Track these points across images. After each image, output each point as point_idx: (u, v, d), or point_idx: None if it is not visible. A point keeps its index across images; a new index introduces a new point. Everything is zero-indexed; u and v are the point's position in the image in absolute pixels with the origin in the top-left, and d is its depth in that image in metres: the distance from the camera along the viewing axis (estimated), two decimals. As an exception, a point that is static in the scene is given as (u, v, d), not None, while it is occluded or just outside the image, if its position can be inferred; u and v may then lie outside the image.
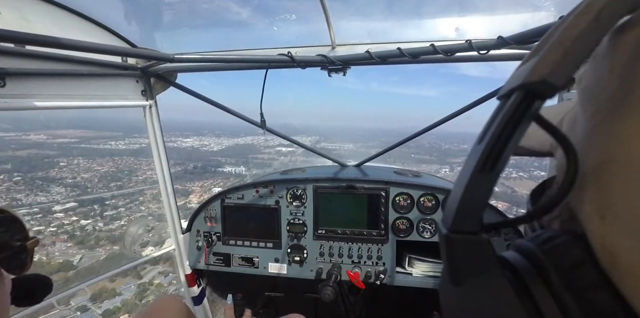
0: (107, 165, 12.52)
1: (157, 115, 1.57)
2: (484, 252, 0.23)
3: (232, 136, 20.05)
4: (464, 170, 0.23)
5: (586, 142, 0.23)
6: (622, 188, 0.20)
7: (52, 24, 1.13)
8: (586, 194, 0.22)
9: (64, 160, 12.04)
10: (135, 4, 1.41)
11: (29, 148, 12.81)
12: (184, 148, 16.61)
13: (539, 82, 0.20)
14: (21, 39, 0.82)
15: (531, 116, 0.20)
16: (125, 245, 1.61)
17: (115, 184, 11.16)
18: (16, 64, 1.03)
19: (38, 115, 28.34)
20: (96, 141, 15.06)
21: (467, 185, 0.22)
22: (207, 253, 1.72)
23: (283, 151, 16.69)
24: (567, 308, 0.21)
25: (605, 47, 0.24)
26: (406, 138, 1.70)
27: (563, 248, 0.22)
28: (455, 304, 0.25)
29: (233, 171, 14.45)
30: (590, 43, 0.19)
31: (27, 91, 1.07)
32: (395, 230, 1.54)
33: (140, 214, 9.86)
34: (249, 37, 1.53)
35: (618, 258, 0.20)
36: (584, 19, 0.20)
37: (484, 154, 0.21)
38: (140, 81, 1.49)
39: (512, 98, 0.21)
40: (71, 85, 1.21)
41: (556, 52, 0.20)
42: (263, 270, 1.68)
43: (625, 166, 0.20)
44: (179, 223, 1.72)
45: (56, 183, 10.62)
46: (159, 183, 1.64)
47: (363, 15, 1.41)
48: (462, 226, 0.23)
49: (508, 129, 0.21)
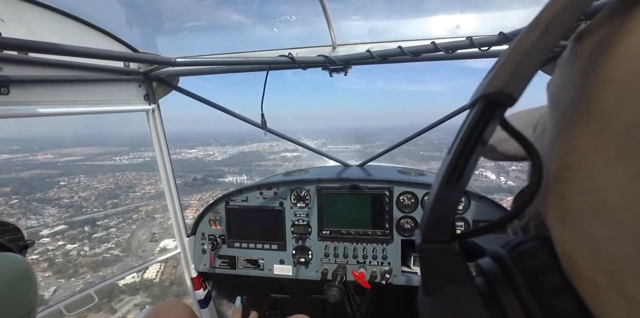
0: (107, 182, 12.44)
1: (160, 119, 1.58)
2: (454, 261, 0.23)
3: (238, 143, 19.99)
4: (435, 181, 0.24)
5: (550, 148, 0.24)
6: (576, 195, 0.21)
7: (55, 30, 1.14)
8: (549, 200, 0.23)
9: (65, 179, 12.01)
10: (136, 9, 1.42)
11: (34, 169, 12.89)
12: (187, 159, 16.55)
13: (496, 93, 0.21)
14: (24, 47, 0.83)
15: (495, 123, 0.21)
16: (132, 248, 1.62)
17: (112, 202, 11.01)
18: (20, 72, 1.04)
19: (48, 133, 28.19)
20: (101, 157, 15.11)
21: (436, 197, 0.23)
22: (212, 255, 1.72)
23: (288, 157, 16.52)
24: (532, 314, 0.21)
25: (567, 54, 0.24)
26: (410, 136, 1.69)
27: (530, 253, 0.23)
28: (428, 314, 0.25)
29: (235, 180, 14.24)
30: (539, 55, 0.20)
31: (31, 98, 1.08)
32: (400, 229, 1.53)
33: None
34: (249, 39, 1.54)
35: (575, 264, 0.20)
36: (533, 32, 0.20)
37: (449, 166, 0.22)
38: (142, 86, 1.50)
39: (475, 108, 0.22)
40: (74, 91, 1.22)
41: (509, 65, 0.21)
42: (268, 272, 1.68)
43: (578, 174, 0.21)
44: (184, 226, 1.73)
45: (52, 204, 10.53)
46: (162, 185, 1.65)
47: (363, 14, 1.40)
48: (434, 236, 0.23)
49: (473, 137, 0.21)
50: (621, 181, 0.18)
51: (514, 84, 0.20)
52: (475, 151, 0.21)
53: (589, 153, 0.20)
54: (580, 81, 0.22)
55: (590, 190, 0.20)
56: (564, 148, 0.22)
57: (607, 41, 0.20)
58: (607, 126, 0.19)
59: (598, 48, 0.21)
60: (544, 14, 0.20)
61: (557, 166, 0.22)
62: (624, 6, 0.20)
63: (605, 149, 0.19)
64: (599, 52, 0.20)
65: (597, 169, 0.19)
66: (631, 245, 0.17)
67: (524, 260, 0.23)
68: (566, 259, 0.21)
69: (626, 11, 0.20)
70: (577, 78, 0.22)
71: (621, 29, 0.19)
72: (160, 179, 1.66)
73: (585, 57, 0.22)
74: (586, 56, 0.22)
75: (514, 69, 0.20)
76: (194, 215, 1.87)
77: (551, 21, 0.20)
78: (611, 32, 0.20)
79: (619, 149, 0.18)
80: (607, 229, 0.19)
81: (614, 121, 0.18)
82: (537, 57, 0.20)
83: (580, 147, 0.21)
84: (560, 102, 0.24)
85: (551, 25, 0.20)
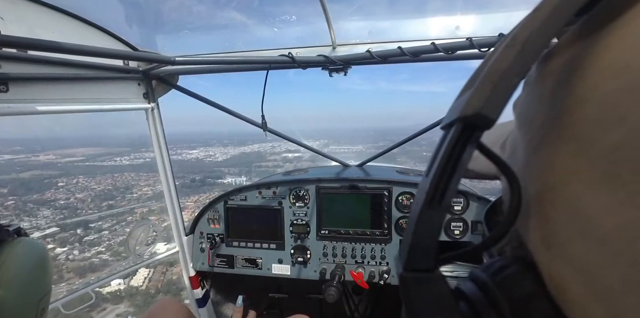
0: (104, 183, 12.18)
1: (160, 117, 1.58)
2: (439, 289, 0.22)
3: (240, 144, 19.77)
4: (415, 204, 0.23)
5: (526, 169, 0.23)
6: (563, 218, 0.20)
7: (54, 29, 1.14)
8: (531, 222, 0.22)
9: (64, 180, 11.76)
10: (135, 7, 1.42)
11: (34, 169, 12.64)
12: (188, 160, 16.37)
13: (474, 116, 0.20)
14: (24, 45, 0.83)
15: (473, 146, 0.21)
16: (129, 247, 1.62)
17: (107, 203, 10.72)
18: (19, 69, 1.04)
19: (50, 134, 27.98)
20: (102, 158, 14.91)
21: (417, 221, 0.22)
22: (211, 254, 1.72)
23: (289, 157, 16.36)
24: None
25: (534, 73, 0.24)
26: (410, 136, 1.68)
27: (514, 279, 0.22)
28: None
29: (233, 182, 13.96)
30: (517, 75, 0.20)
31: (30, 95, 1.08)
32: (399, 229, 1.53)
33: (122, 237, 9.30)
34: (249, 38, 1.54)
35: (565, 290, 0.20)
36: (510, 52, 0.20)
37: (431, 189, 0.21)
38: (142, 84, 1.50)
39: (452, 130, 0.22)
40: (74, 89, 1.22)
41: (486, 86, 0.20)
42: (267, 271, 1.68)
43: (561, 196, 0.20)
44: (182, 225, 1.73)
45: (47, 205, 10.29)
46: (162, 183, 1.65)
47: (364, 14, 1.40)
48: (417, 263, 0.22)
49: (452, 160, 0.21)
50: (610, 204, 0.17)
51: (492, 106, 0.19)
52: (456, 173, 0.21)
53: (571, 175, 0.19)
54: (552, 101, 0.21)
55: (577, 213, 0.19)
56: (543, 169, 0.21)
57: (579, 60, 0.20)
58: (590, 148, 0.18)
59: (569, 67, 0.20)
60: (520, 33, 0.20)
61: (536, 187, 0.22)
62: (593, 26, 0.20)
63: (589, 172, 0.18)
64: (571, 71, 0.20)
65: (582, 192, 0.19)
66: (630, 273, 0.16)
67: (508, 285, 0.22)
68: (555, 286, 0.20)
69: (595, 31, 0.19)
70: (548, 97, 0.22)
71: (593, 48, 0.19)
72: (158, 180, 1.66)
73: (555, 77, 0.21)
74: (556, 75, 0.21)
75: (491, 91, 0.20)
76: (190, 217, 1.87)
77: (527, 41, 0.19)
78: (583, 51, 0.20)
79: (604, 172, 0.17)
80: (600, 255, 0.18)
81: (597, 144, 0.18)
82: (515, 78, 0.19)
83: (561, 169, 0.20)
84: (532, 121, 0.23)
85: (528, 45, 0.19)
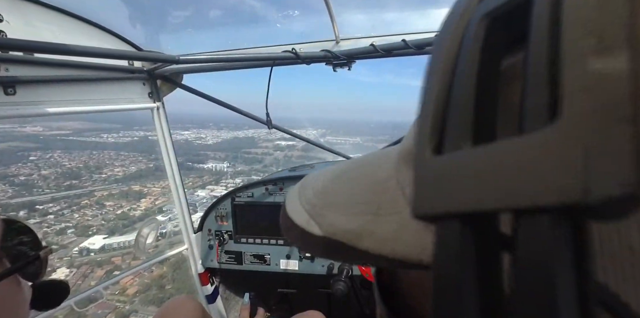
0: (78, 160, 11.11)
1: (165, 116, 1.58)
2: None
3: (235, 128, 19.11)
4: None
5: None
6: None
7: (59, 30, 1.14)
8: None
9: (37, 154, 10.80)
10: (139, 8, 1.42)
11: (13, 141, 11.62)
12: (177, 141, 15.89)
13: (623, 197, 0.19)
14: (30, 48, 0.84)
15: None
16: (139, 245, 1.64)
17: (71, 182, 9.69)
18: (26, 72, 1.04)
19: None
20: (89, 133, 14.14)
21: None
22: (219, 251, 1.74)
23: (282, 145, 15.77)
24: None
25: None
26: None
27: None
28: None
29: (214, 167, 12.96)
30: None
31: (37, 97, 1.09)
32: None
33: (65, 224, 7.89)
34: (252, 35, 1.53)
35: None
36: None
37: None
38: (147, 84, 1.50)
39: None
40: (79, 90, 1.22)
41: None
42: (275, 267, 1.70)
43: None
44: (191, 223, 1.75)
45: (5, 181, 9.29)
46: (169, 183, 1.67)
47: (367, 7, 1.39)
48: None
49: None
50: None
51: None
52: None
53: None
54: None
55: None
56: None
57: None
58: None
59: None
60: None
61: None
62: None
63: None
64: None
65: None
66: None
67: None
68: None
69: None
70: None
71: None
72: (136, 161, 1.68)
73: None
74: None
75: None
76: (148, 205, 1.86)
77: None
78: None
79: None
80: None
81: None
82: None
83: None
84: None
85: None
